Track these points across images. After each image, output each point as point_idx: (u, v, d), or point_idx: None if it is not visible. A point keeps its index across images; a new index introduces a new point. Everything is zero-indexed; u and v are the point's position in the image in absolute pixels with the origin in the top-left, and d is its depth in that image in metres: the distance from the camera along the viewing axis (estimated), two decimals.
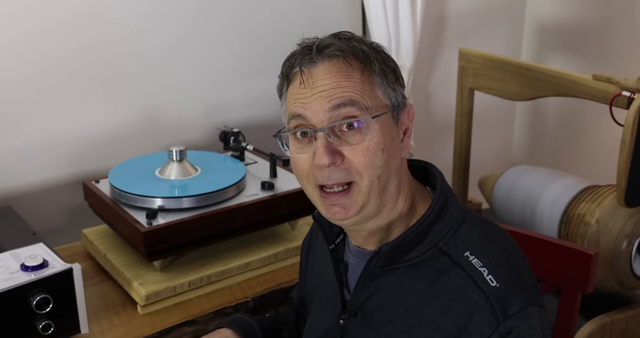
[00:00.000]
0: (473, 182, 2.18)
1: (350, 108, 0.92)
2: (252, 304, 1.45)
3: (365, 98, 0.93)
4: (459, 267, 0.95)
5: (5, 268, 1.22)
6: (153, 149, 1.90)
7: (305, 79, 0.94)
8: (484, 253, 0.96)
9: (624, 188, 1.57)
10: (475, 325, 0.91)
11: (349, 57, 0.94)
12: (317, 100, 0.92)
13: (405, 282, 0.98)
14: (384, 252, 0.97)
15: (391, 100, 0.96)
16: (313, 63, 0.94)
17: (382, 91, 0.95)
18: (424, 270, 0.97)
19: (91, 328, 1.31)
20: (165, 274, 1.44)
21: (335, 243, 1.08)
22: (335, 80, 0.92)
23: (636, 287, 1.72)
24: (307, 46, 0.96)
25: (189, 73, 1.95)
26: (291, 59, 0.97)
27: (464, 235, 0.98)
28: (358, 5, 2.20)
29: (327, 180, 0.93)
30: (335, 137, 0.93)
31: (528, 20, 2.68)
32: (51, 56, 1.72)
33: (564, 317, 1.38)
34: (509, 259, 0.97)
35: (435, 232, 0.97)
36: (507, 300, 0.92)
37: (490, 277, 0.93)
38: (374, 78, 0.94)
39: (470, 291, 0.93)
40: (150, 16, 1.84)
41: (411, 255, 0.97)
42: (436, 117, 2.55)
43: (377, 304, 1.00)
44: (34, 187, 1.78)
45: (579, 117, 2.57)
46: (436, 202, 0.98)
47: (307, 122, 0.94)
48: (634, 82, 1.55)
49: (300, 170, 0.97)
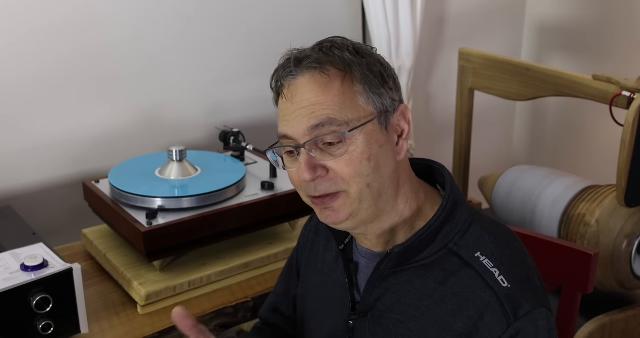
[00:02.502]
0: (473, 182, 2.18)
1: (329, 127, 0.92)
2: (252, 304, 1.45)
3: (344, 112, 0.92)
4: (470, 267, 0.95)
5: (5, 268, 1.22)
6: (153, 148, 1.90)
7: (286, 94, 0.95)
8: (495, 254, 0.96)
9: (624, 188, 1.57)
10: (486, 325, 0.92)
11: (325, 68, 0.93)
12: (298, 118, 0.93)
13: (416, 282, 0.98)
14: (395, 254, 0.97)
15: (376, 106, 0.94)
16: (293, 76, 0.95)
17: (364, 99, 0.94)
18: (434, 271, 0.97)
19: (91, 328, 1.31)
20: (165, 274, 1.44)
21: (344, 243, 1.08)
22: (314, 95, 0.93)
23: (636, 287, 1.72)
24: (288, 59, 0.96)
25: (189, 73, 1.95)
26: (276, 73, 0.98)
27: (474, 236, 0.98)
28: (358, 5, 2.20)
29: (314, 192, 0.95)
30: (319, 151, 0.93)
31: (528, 20, 2.68)
32: (51, 56, 1.72)
33: (564, 317, 1.38)
34: (519, 260, 0.97)
35: (445, 233, 0.98)
36: (517, 301, 0.92)
37: (501, 277, 0.93)
38: (355, 86, 0.94)
39: (481, 291, 0.93)
40: (151, 16, 1.84)
41: (422, 256, 0.97)
42: (436, 117, 2.55)
43: (388, 305, 1.00)
44: (34, 187, 1.78)
45: (579, 117, 2.57)
46: (446, 203, 0.98)
47: (292, 139, 0.95)
48: (634, 82, 1.55)
49: (293, 182, 0.99)
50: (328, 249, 1.13)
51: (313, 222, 1.20)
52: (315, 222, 1.19)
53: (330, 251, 1.12)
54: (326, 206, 0.95)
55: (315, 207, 0.97)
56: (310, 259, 1.17)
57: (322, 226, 1.15)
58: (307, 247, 1.19)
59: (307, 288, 1.17)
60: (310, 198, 0.97)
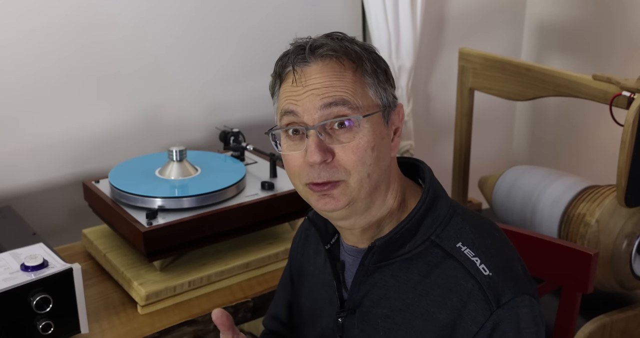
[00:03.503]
0: (473, 182, 2.18)
1: (342, 107, 0.93)
2: (252, 304, 1.45)
3: (356, 97, 0.94)
4: (452, 258, 0.96)
5: (5, 268, 1.22)
6: (153, 148, 1.90)
7: (297, 78, 0.95)
8: (476, 243, 0.97)
9: (624, 189, 1.57)
10: (469, 313, 0.93)
11: (341, 57, 0.95)
12: (309, 97, 0.94)
13: (400, 276, 0.99)
14: (377, 247, 0.98)
15: (382, 100, 0.97)
16: (306, 62, 0.95)
17: (373, 91, 0.96)
18: (418, 264, 0.98)
19: (91, 328, 1.31)
20: (165, 274, 1.44)
21: (330, 243, 1.09)
22: (327, 80, 0.94)
23: (636, 287, 1.72)
24: (300, 46, 0.97)
25: (189, 73, 1.95)
26: (284, 58, 0.98)
27: (455, 227, 0.99)
28: (358, 5, 2.20)
29: (317, 178, 0.94)
30: (326, 135, 0.94)
31: (528, 20, 2.68)
32: (51, 56, 1.72)
33: (564, 317, 1.38)
34: (500, 249, 0.99)
35: (427, 226, 0.99)
36: (499, 288, 0.93)
37: (482, 266, 0.95)
38: (365, 78, 0.96)
39: (463, 280, 0.94)
40: (151, 16, 1.84)
41: (405, 250, 0.99)
42: (436, 117, 2.55)
43: (374, 300, 1.01)
44: (34, 187, 1.78)
45: (579, 117, 2.57)
46: (426, 196, 1.00)
47: (299, 119, 0.95)
48: (634, 82, 1.55)
49: (291, 168, 0.98)
50: (318, 253, 1.14)
51: (302, 228, 1.21)
52: (305, 228, 1.20)
53: (319, 254, 1.13)
54: (325, 193, 0.96)
55: (312, 194, 0.97)
56: (302, 265, 1.18)
57: (312, 231, 1.16)
58: (299, 252, 1.20)
59: (301, 294, 1.18)
60: (309, 185, 0.97)
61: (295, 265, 1.21)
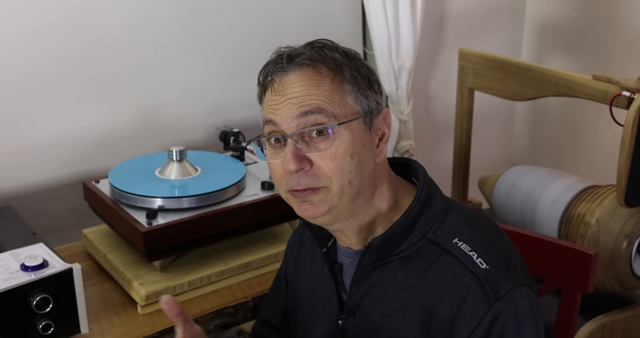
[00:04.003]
0: (473, 182, 2.18)
1: (318, 115, 0.94)
2: (252, 304, 1.45)
3: (333, 105, 0.95)
4: (449, 253, 0.97)
5: (5, 268, 1.22)
6: (153, 148, 1.90)
7: (276, 87, 0.97)
8: (472, 238, 0.98)
9: (624, 188, 1.57)
10: (468, 307, 0.93)
11: (318, 66, 0.96)
12: (287, 106, 0.95)
13: (398, 274, 0.99)
14: (374, 247, 0.99)
15: (362, 106, 0.97)
16: (284, 71, 0.97)
17: (352, 98, 0.96)
18: (415, 262, 0.98)
19: (91, 328, 1.31)
20: (165, 274, 1.44)
21: (327, 246, 1.09)
22: (304, 88, 0.95)
23: (636, 287, 1.72)
24: (280, 55, 0.99)
25: (189, 73, 1.95)
26: (265, 68, 1.00)
27: (450, 223, 1.00)
28: (358, 5, 2.20)
29: (296, 185, 0.96)
30: (304, 144, 0.95)
31: (528, 20, 2.68)
32: (51, 56, 1.72)
33: (564, 317, 1.38)
34: (496, 242, 1.00)
35: (422, 223, 0.99)
36: (497, 281, 0.94)
37: (479, 260, 0.95)
38: (344, 85, 0.96)
39: (461, 275, 0.95)
40: (151, 16, 1.84)
41: (401, 248, 0.99)
42: (436, 117, 2.55)
43: (374, 300, 1.01)
44: (34, 187, 1.78)
45: (579, 117, 2.57)
46: (420, 194, 1.00)
47: (278, 128, 0.97)
48: (634, 82, 1.55)
49: (274, 175, 0.99)
50: (314, 257, 1.14)
51: (296, 233, 1.21)
52: (299, 233, 1.20)
53: (316, 258, 1.13)
54: (305, 199, 0.96)
55: (294, 199, 0.98)
56: (297, 270, 1.18)
57: (306, 236, 1.16)
58: (293, 258, 1.20)
59: (297, 300, 1.18)
60: (290, 192, 0.98)
61: (290, 271, 1.21)
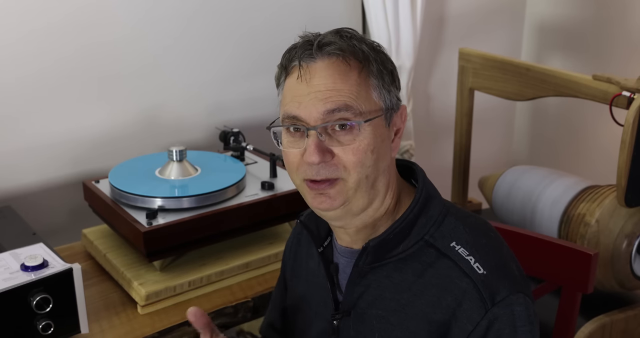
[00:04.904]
0: (473, 182, 2.18)
1: (345, 112, 0.93)
2: (252, 304, 1.45)
3: (359, 101, 0.93)
4: (446, 257, 0.96)
5: (5, 268, 1.22)
6: (153, 148, 1.90)
7: (302, 74, 0.94)
8: (470, 242, 0.97)
9: (624, 188, 1.57)
10: (464, 312, 0.93)
11: (348, 57, 0.94)
12: (312, 101, 0.93)
13: (394, 276, 0.99)
14: (371, 248, 0.98)
15: (385, 102, 0.96)
16: (312, 59, 0.94)
17: (377, 93, 0.95)
18: (412, 264, 0.98)
19: (91, 328, 1.31)
20: (165, 274, 1.44)
21: (323, 245, 1.08)
22: (332, 81, 0.93)
23: (636, 287, 1.72)
24: (309, 41, 0.96)
25: (189, 73, 1.95)
26: (291, 52, 0.97)
27: (449, 227, 0.99)
28: (358, 5, 2.20)
29: (315, 175, 0.94)
30: (327, 136, 0.94)
31: (528, 20, 2.68)
32: (51, 56, 1.72)
33: (564, 317, 1.38)
34: (494, 248, 0.99)
35: (420, 226, 0.99)
36: (494, 286, 0.93)
37: (477, 264, 0.94)
38: (370, 79, 0.95)
39: (458, 279, 0.94)
40: (150, 15, 1.84)
41: (399, 250, 0.99)
42: (436, 117, 2.55)
43: (369, 301, 1.01)
44: (34, 187, 1.78)
45: (579, 117, 2.57)
46: (419, 196, 1.00)
47: (302, 121, 0.94)
48: (634, 82, 1.55)
49: (290, 163, 0.98)
50: (311, 256, 1.13)
51: (295, 232, 1.21)
52: (297, 232, 1.20)
53: (312, 258, 1.12)
54: (322, 192, 0.95)
55: (309, 191, 0.97)
56: (295, 270, 1.18)
57: (304, 236, 1.16)
58: (291, 258, 1.20)
59: (294, 299, 1.18)
60: (306, 182, 0.96)
61: (288, 271, 1.21)
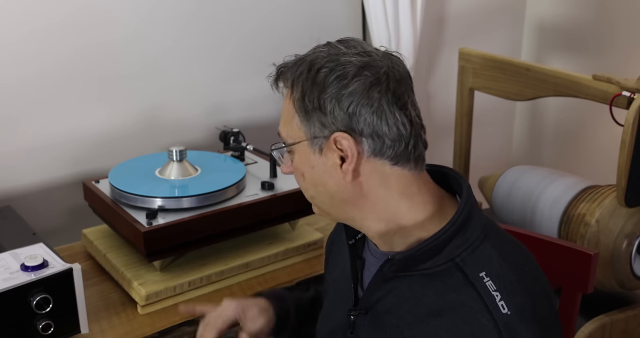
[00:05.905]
0: (473, 182, 2.17)
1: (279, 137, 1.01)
2: None
3: (285, 128, 0.99)
4: (472, 286, 0.92)
5: (5, 268, 1.22)
6: (153, 148, 1.90)
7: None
8: (500, 276, 0.93)
9: (624, 188, 1.57)
10: None
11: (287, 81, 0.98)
12: None
13: (416, 290, 0.96)
14: (396, 260, 0.95)
15: (304, 131, 0.95)
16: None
17: (297, 121, 0.96)
18: (436, 283, 0.94)
19: (91, 328, 1.31)
20: (165, 274, 1.44)
21: (355, 238, 1.07)
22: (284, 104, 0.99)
23: (636, 287, 1.72)
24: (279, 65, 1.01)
25: (189, 73, 1.95)
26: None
27: (482, 254, 0.94)
28: (358, 5, 2.20)
29: None
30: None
31: (528, 20, 2.68)
32: (51, 56, 1.72)
33: (564, 317, 1.38)
34: (525, 286, 0.94)
35: (454, 246, 0.94)
36: (516, 329, 0.89)
37: (502, 303, 0.90)
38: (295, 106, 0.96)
39: (480, 314, 0.90)
40: (150, 16, 1.84)
41: (426, 265, 0.95)
42: (436, 117, 2.55)
43: (387, 307, 0.99)
44: (34, 187, 1.78)
45: (579, 117, 2.57)
46: (458, 216, 0.95)
47: None
48: (634, 82, 1.55)
49: None
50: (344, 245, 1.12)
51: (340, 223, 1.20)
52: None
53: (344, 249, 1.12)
54: None
55: None
56: (332, 253, 1.19)
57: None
58: (331, 242, 1.21)
59: (328, 283, 1.18)
60: None
61: (327, 253, 1.22)
